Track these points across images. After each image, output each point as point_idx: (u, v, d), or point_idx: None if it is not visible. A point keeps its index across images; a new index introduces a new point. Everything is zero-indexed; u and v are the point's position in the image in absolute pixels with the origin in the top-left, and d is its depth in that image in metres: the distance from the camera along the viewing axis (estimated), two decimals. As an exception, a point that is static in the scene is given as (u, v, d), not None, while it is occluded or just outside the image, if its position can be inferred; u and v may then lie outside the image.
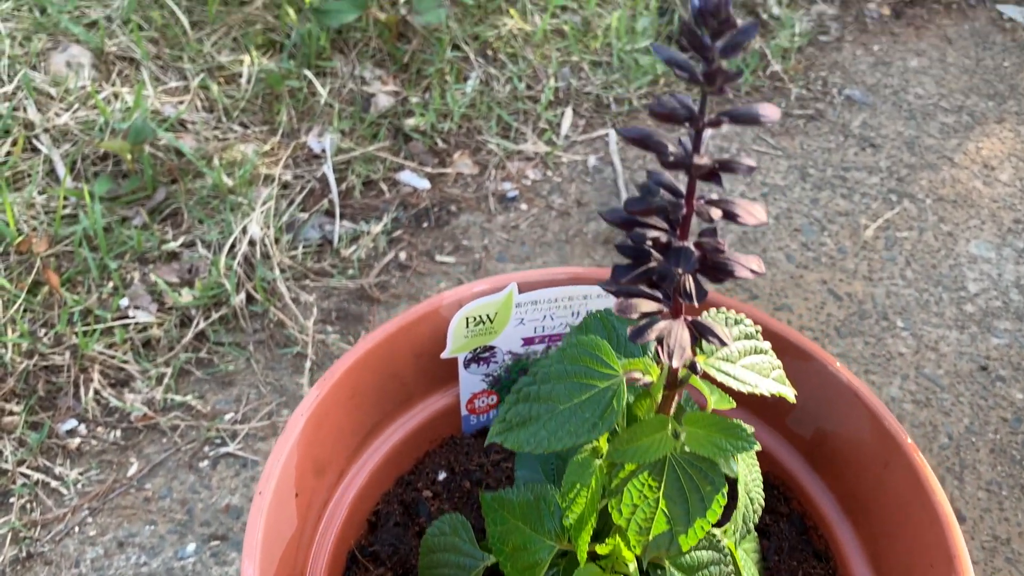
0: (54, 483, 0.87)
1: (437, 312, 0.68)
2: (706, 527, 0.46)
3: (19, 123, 1.13)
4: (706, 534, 0.48)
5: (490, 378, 0.72)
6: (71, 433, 0.91)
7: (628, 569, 0.52)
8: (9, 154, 1.11)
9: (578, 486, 0.48)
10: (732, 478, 0.51)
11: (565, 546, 0.53)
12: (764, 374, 0.48)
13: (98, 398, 0.93)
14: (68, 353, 0.95)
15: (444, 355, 0.68)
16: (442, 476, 0.72)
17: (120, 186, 1.10)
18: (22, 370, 0.93)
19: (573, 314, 0.69)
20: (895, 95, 1.43)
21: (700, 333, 0.41)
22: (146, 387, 0.94)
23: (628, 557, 0.52)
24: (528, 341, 0.70)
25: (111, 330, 0.97)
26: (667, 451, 0.45)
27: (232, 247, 1.05)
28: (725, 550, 0.52)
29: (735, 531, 0.51)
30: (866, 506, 0.66)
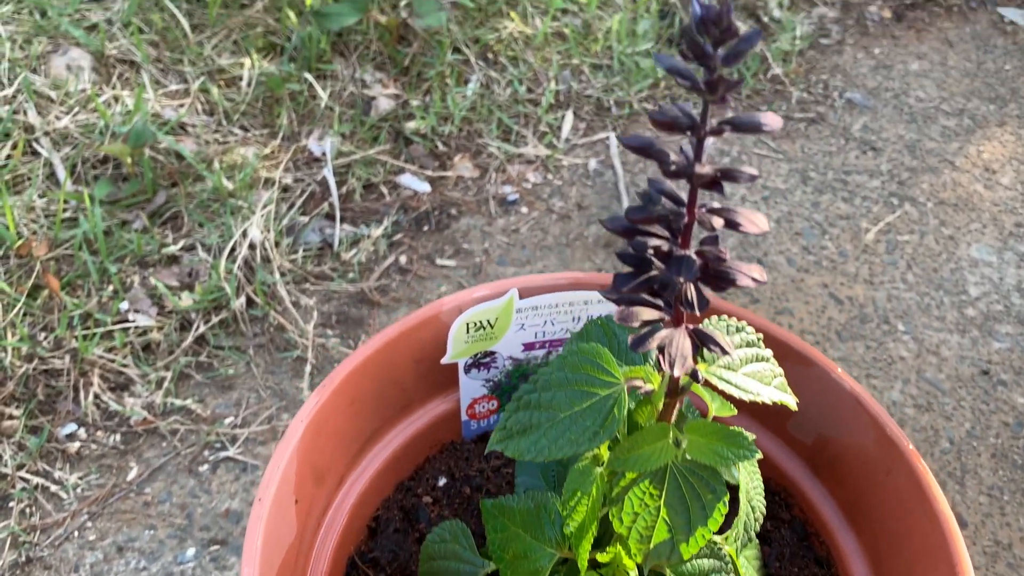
0: (54, 487, 0.87)
1: (437, 317, 0.68)
2: (707, 535, 0.46)
3: (19, 126, 1.13)
4: (707, 542, 0.48)
5: (491, 383, 0.72)
6: (71, 437, 0.91)
7: (629, 577, 0.52)
8: (9, 157, 1.11)
9: (579, 494, 0.47)
10: (733, 485, 0.51)
11: (566, 554, 0.53)
12: (766, 382, 0.47)
13: (98, 402, 0.93)
14: (68, 357, 0.94)
15: (444, 360, 0.68)
16: (442, 482, 0.72)
17: (120, 189, 1.10)
18: (22, 374, 0.93)
19: (574, 319, 0.69)
20: (896, 98, 1.43)
21: (702, 342, 0.41)
22: (146, 391, 0.94)
23: (629, 565, 0.51)
24: (529, 346, 0.70)
25: (111, 334, 0.97)
26: (668, 459, 0.45)
27: (232, 251, 1.05)
28: (726, 558, 0.52)
29: (736, 539, 0.50)
30: (868, 513, 0.66)
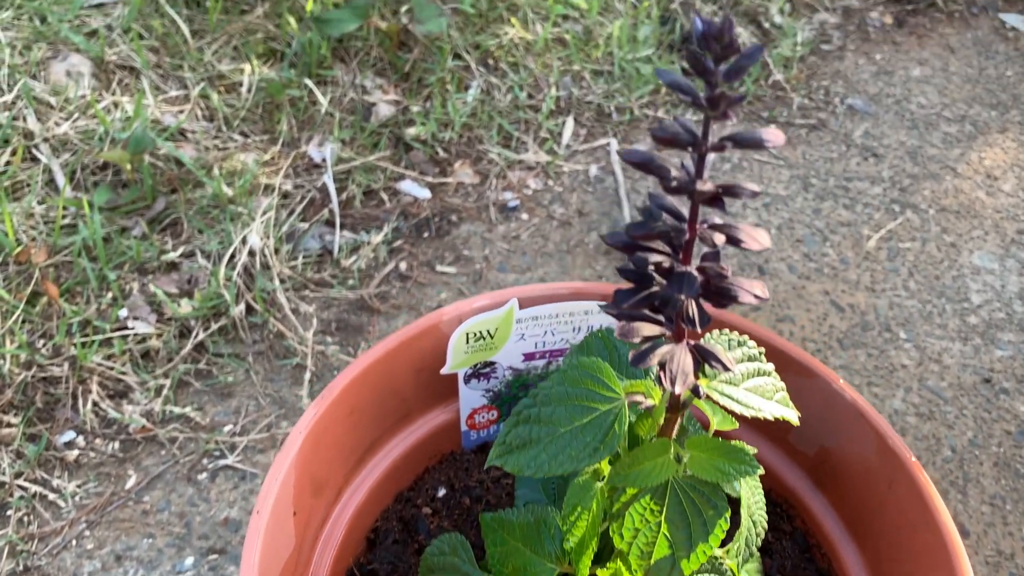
0: (52, 496, 0.86)
1: (437, 327, 0.68)
2: (709, 551, 0.45)
3: (19, 132, 1.13)
4: (708, 557, 0.47)
5: (490, 393, 0.72)
6: (69, 445, 0.90)
7: (629, 592, 0.52)
8: (8, 164, 1.11)
9: (579, 509, 0.47)
10: (735, 498, 0.50)
11: (566, 569, 0.52)
12: (767, 396, 0.47)
13: (96, 410, 0.93)
14: (67, 364, 0.94)
15: (444, 371, 0.68)
16: (442, 492, 0.71)
17: (120, 196, 1.10)
18: (20, 381, 0.92)
19: (574, 329, 0.69)
20: (897, 104, 1.43)
21: (703, 358, 0.41)
22: (145, 399, 0.94)
23: (629, 580, 0.51)
24: (529, 356, 0.70)
25: (110, 341, 0.97)
26: (669, 475, 0.44)
27: (232, 257, 1.05)
28: (728, 573, 0.51)
29: (738, 553, 0.50)
30: (870, 524, 0.65)
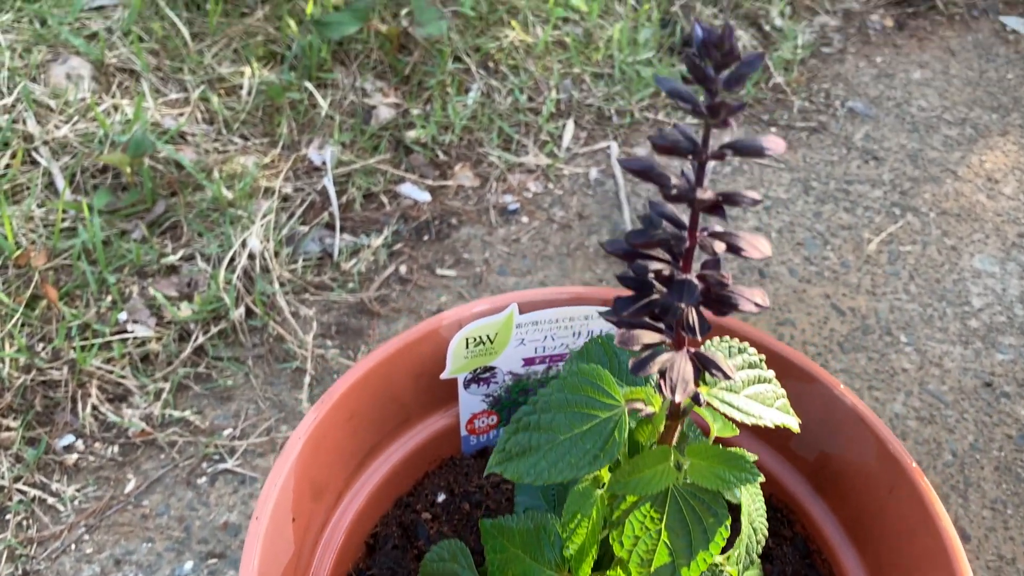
0: (51, 500, 0.86)
1: (437, 332, 0.68)
2: (709, 559, 0.45)
3: (18, 135, 1.13)
4: (709, 565, 0.47)
5: (490, 398, 0.71)
6: (68, 449, 0.90)
7: (629, 599, 0.52)
8: (8, 167, 1.10)
9: (579, 516, 0.47)
10: (735, 504, 0.50)
11: None
12: (768, 403, 0.47)
13: (96, 413, 0.92)
14: (66, 368, 0.94)
15: (444, 376, 0.68)
16: (441, 498, 0.71)
17: (119, 199, 1.10)
18: (19, 385, 0.92)
19: (574, 334, 0.68)
20: (898, 107, 1.43)
21: (703, 366, 0.40)
22: (144, 402, 0.94)
23: (629, 587, 0.51)
24: (529, 361, 0.70)
25: (109, 345, 0.97)
26: (669, 483, 0.44)
27: (231, 261, 1.05)
28: (728, 580, 0.51)
29: (739, 561, 0.50)
30: (870, 530, 0.65)
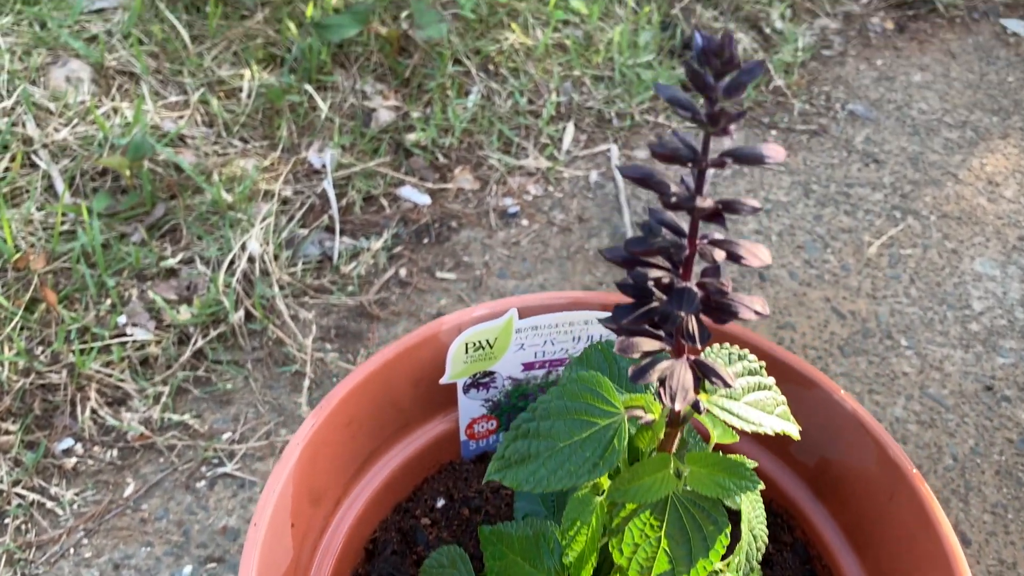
0: (50, 504, 0.86)
1: (436, 337, 0.67)
2: (709, 567, 0.45)
3: (18, 138, 1.13)
4: (709, 573, 0.47)
5: (490, 403, 0.71)
6: (67, 452, 0.90)
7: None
8: (7, 170, 1.10)
9: (578, 523, 0.47)
10: (735, 511, 0.50)
11: (565, 582, 0.52)
12: (768, 410, 0.47)
13: (95, 417, 0.92)
14: (65, 371, 0.94)
15: (443, 381, 0.67)
16: (440, 503, 0.71)
17: (119, 202, 1.09)
18: (18, 388, 0.92)
19: (574, 339, 0.68)
20: (899, 110, 1.43)
21: (703, 373, 0.40)
22: (143, 406, 0.93)
23: (629, 594, 0.51)
24: (528, 366, 0.69)
25: (108, 348, 0.97)
26: (669, 490, 0.44)
27: (231, 264, 1.05)
28: (728, 587, 0.51)
29: (739, 568, 0.50)
30: (870, 535, 0.65)
